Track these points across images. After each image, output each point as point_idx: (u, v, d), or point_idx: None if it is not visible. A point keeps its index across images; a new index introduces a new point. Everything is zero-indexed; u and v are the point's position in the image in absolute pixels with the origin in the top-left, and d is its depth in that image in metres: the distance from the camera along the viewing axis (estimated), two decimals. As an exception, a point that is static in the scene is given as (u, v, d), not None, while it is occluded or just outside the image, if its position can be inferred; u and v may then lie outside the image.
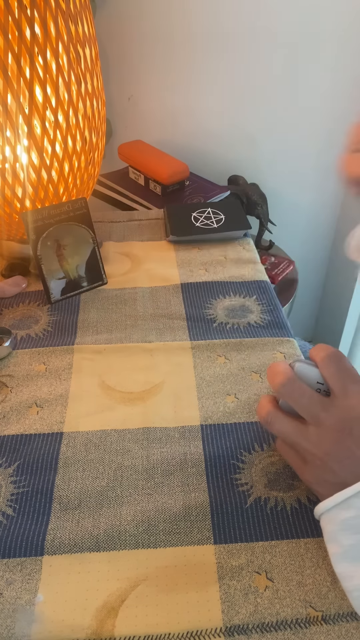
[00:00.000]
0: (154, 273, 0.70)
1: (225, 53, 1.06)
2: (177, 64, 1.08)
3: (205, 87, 1.11)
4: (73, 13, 0.56)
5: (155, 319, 0.62)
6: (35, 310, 0.64)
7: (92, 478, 0.45)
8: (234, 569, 0.39)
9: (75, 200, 0.62)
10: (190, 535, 0.41)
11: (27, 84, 0.54)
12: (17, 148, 0.57)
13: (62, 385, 0.54)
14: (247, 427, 0.49)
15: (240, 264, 0.72)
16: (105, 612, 0.36)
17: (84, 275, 0.66)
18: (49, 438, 0.48)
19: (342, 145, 0.44)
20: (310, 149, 1.21)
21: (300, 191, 1.28)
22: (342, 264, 1.37)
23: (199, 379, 0.54)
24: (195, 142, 1.19)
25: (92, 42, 0.62)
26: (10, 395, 0.53)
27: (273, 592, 0.37)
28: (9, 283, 0.66)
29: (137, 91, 1.12)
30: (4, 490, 0.44)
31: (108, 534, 0.41)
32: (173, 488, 0.44)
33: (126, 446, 0.48)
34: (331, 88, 1.11)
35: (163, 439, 0.48)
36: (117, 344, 0.59)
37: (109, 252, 0.75)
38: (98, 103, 0.65)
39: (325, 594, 0.37)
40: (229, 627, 0.36)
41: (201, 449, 0.47)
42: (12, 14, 0.51)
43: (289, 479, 0.44)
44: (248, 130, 1.17)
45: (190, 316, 0.63)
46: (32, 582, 0.38)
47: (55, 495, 0.44)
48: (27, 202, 0.63)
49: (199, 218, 0.78)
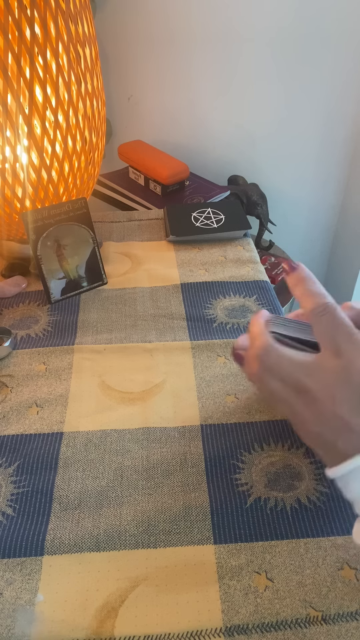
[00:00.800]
0: (153, 273, 0.70)
1: (225, 53, 1.06)
2: (177, 64, 1.08)
3: (205, 87, 1.11)
4: (73, 13, 0.56)
5: (155, 319, 0.62)
6: (35, 310, 0.64)
7: (92, 478, 0.45)
8: (233, 568, 0.39)
9: (75, 200, 0.62)
10: (190, 535, 0.41)
11: (27, 84, 0.54)
12: (17, 148, 0.57)
13: (62, 385, 0.54)
14: (247, 427, 0.49)
15: (240, 264, 0.72)
16: (105, 612, 0.36)
17: (84, 275, 0.66)
18: (49, 438, 0.48)
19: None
20: (310, 149, 1.21)
21: (300, 191, 1.28)
22: (342, 264, 1.37)
23: (199, 379, 0.54)
24: (195, 142, 1.19)
25: (92, 42, 0.62)
26: (10, 395, 0.53)
27: (273, 592, 0.37)
28: (9, 283, 0.66)
29: (137, 91, 1.12)
30: (4, 490, 0.44)
31: (108, 534, 0.41)
32: (173, 488, 0.44)
33: (126, 446, 0.48)
34: (331, 88, 1.11)
35: (163, 439, 0.48)
36: (117, 344, 0.59)
37: (109, 252, 0.75)
38: (98, 103, 0.65)
39: (325, 594, 0.37)
40: (228, 627, 0.36)
41: (201, 449, 0.47)
42: (12, 14, 0.50)
43: (289, 479, 0.44)
44: (248, 130, 1.17)
45: (190, 316, 0.63)
46: (32, 582, 0.38)
47: (55, 495, 0.44)
48: (27, 202, 0.63)
49: (199, 218, 0.78)
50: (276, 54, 1.06)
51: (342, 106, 1.13)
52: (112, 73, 1.09)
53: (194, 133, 1.18)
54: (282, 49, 1.05)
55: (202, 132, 1.18)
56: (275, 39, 1.04)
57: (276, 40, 1.04)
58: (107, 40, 1.04)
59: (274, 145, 1.20)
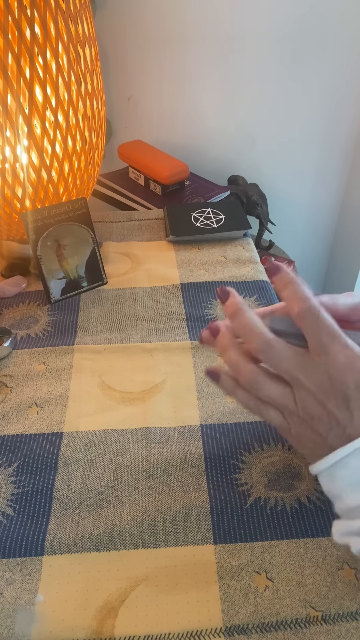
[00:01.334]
0: (153, 273, 0.70)
1: (225, 53, 1.06)
2: (177, 64, 1.08)
3: (205, 87, 1.11)
4: (73, 13, 0.56)
5: (155, 319, 0.62)
6: (35, 310, 0.64)
7: (92, 478, 0.45)
8: (233, 568, 0.39)
9: (75, 200, 0.62)
10: (190, 535, 0.41)
11: (27, 84, 0.54)
12: (17, 148, 0.57)
13: (62, 385, 0.54)
14: (247, 427, 0.49)
15: (240, 264, 0.72)
16: (105, 612, 0.36)
17: (83, 275, 0.66)
18: (49, 438, 0.48)
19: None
20: (310, 148, 1.21)
21: (300, 191, 1.28)
22: (342, 264, 1.37)
23: (198, 379, 0.54)
24: (195, 142, 1.19)
25: (92, 42, 0.62)
26: (10, 395, 0.53)
27: (273, 592, 0.37)
28: (9, 283, 0.66)
29: (137, 91, 1.12)
30: (4, 490, 0.44)
31: (108, 534, 0.41)
32: (173, 488, 0.44)
33: (126, 446, 0.48)
34: (331, 88, 1.11)
35: (163, 439, 0.48)
36: (117, 344, 0.59)
37: (109, 252, 0.75)
38: (98, 103, 0.65)
39: (325, 594, 0.37)
40: (228, 627, 0.36)
41: (201, 449, 0.47)
42: (12, 14, 0.51)
43: (289, 479, 0.44)
44: (248, 130, 1.17)
45: (190, 316, 0.63)
46: (32, 582, 0.38)
47: (55, 495, 0.44)
48: (27, 202, 0.63)
49: (199, 218, 0.78)
50: (276, 54, 1.06)
51: (342, 106, 1.13)
52: (112, 73, 1.09)
53: (194, 133, 1.18)
54: (282, 49, 1.05)
55: (202, 132, 1.18)
56: (275, 39, 1.04)
57: (276, 40, 1.04)
58: (107, 40, 1.04)
59: (274, 145, 1.20)
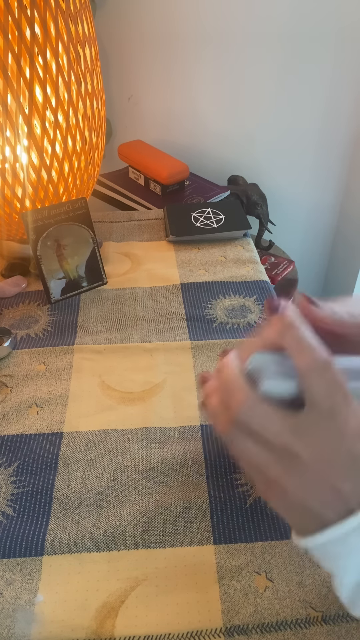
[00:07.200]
0: (153, 273, 0.70)
1: (225, 53, 1.06)
2: (177, 64, 1.08)
3: (205, 87, 1.11)
4: (73, 13, 0.56)
5: (155, 319, 0.62)
6: (35, 310, 0.64)
7: (92, 478, 0.45)
8: (233, 569, 0.39)
9: (75, 200, 0.62)
10: (190, 535, 0.41)
11: (27, 84, 0.54)
12: (17, 148, 0.57)
13: (62, 385, 0.54)
14: (247, 427, 0.49)
15: (240, 264, 0.72)
16: (105, 612, 0.36)
17: (83, 275, 0.66)
18: (49, 438, 0.48)
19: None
20: (310, 148, 1.21)
21: (300, 191, 1.28)
22: (342, 264, 1.37)
23: (199, 379, 0.54)
24: (195, 142, 1.19)
25: (92, 42, 0.62)
26: (10, 395, 0.53)
27: (273, 592, 0.37)
28: (9, 283, 0.66)
29: (137, 91, 1.12)
30: (4, 490, 0.44)
31: (108, 534, 0.41)
32: (173, 488, 0.44)
33: (126, 446, 0.48)
34: (331, 88, 1.11)
35: (163, 439, 0.48)
36: (117, 344, 0.59)
37: (109, 252, 0.75)
38: (98, 103, 0.65)
39: (325, 594, 0.37)
40: (229, 627, 0.36)
41: (201, 449, 0.47)
42: (12, 14, 0.50)
43: (289, 479, 0.44)
44: (248, 130, 1.17)
45: (190, 316, 0.63)
46: (32, 582, 0.38)
47: (55, 495, 0.44)
48: (27, 202, 0.63)
49: (199, 218, 0.78)
50: (276, 54, 1.06)
51: (342, 106, 1.13)
52: (112, 73, 1.09)
53: (194, 133, 1.18)
54: (282, 49, 1.05)
55: (202, 132, 1.18)
56: (275, 39, 1.04)
57: (276, 40, 1.04)
58: (107, 40, 1.04)
59: (274, 145, 1.20)
